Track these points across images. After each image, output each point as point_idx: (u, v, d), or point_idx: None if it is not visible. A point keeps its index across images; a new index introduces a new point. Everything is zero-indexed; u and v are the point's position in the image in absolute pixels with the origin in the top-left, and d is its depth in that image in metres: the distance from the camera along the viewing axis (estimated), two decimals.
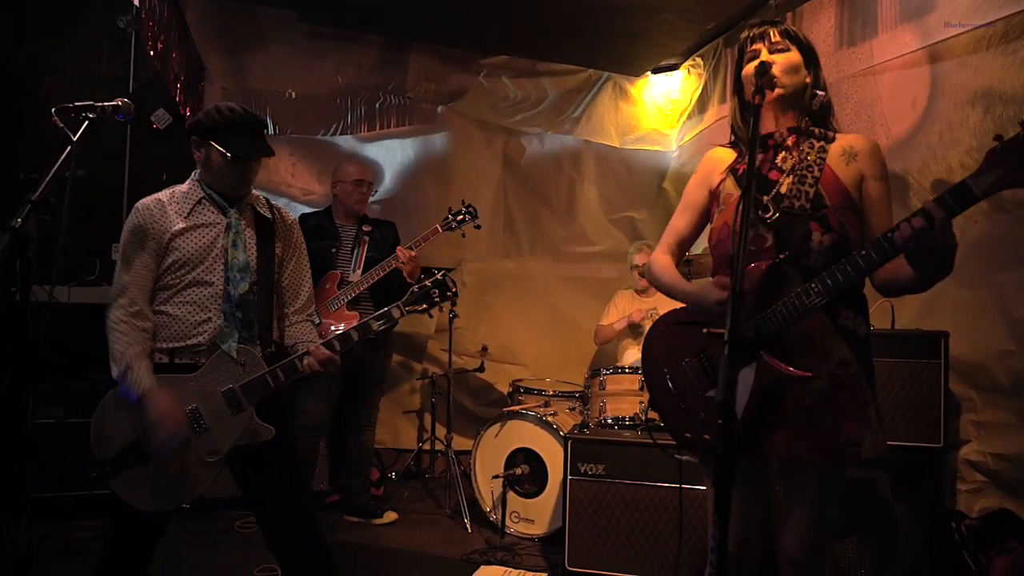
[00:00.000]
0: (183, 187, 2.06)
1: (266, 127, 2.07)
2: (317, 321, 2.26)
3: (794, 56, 1.68)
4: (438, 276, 2.10)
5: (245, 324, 2.00)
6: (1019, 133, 1.26)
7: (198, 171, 2.07)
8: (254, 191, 2.14)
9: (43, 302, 1.79)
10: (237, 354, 1.96)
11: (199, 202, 2.02)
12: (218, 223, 2.02)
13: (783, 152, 1.69)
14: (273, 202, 2.20)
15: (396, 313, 2.05)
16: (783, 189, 1.65)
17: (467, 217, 3.50)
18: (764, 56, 1.67)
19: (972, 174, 1.31)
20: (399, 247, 3.39)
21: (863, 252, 1.45)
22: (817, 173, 1.63)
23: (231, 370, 1.95)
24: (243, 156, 1.99)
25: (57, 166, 1.59)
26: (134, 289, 1.93)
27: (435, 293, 2.09)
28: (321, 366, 1.97)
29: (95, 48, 4.13)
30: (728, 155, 1.82)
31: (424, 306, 2.09)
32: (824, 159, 1.65)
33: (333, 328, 3.31)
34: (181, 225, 1.97)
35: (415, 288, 2.10)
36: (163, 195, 2.03)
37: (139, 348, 1.89)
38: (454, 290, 2.11)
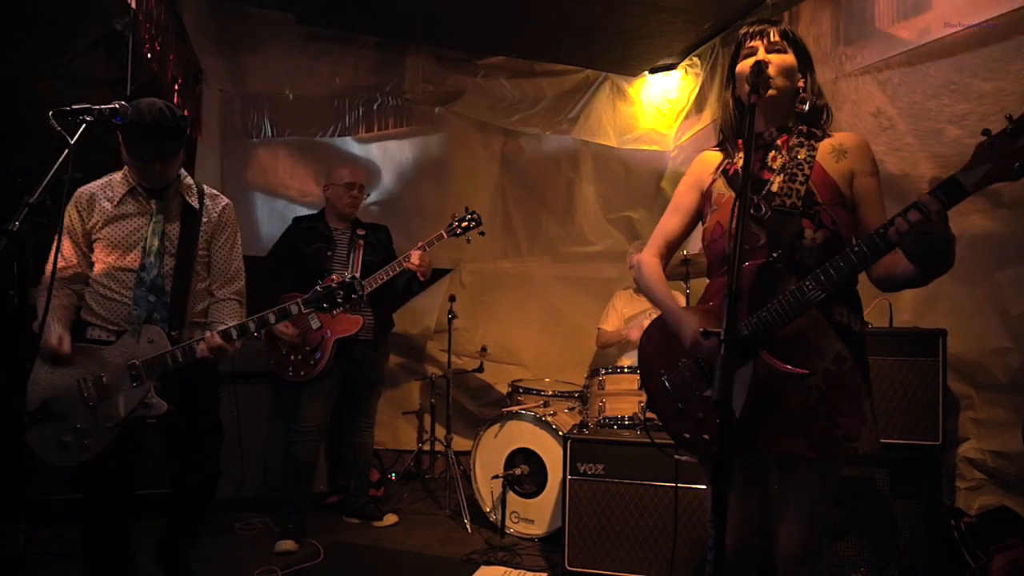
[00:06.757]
0: (119, 175, 2.25)
1: (181, 131, 2.17)
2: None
3: (789, 58, 1.68)
4: (346, 278, 2.18)
5: (157, 307, 2.19)
6: (1006, 128, 1.26)
7: None
8: (189, 180, 2.30)
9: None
10: (143, 333, 2.15)
11: (129, 191, 2.22)
12: (143, 212, 2.21)
13: (773, 151, 1.70)
14: (207, 188, 2.36)
15: (294, 309, 2.19)
16: (774, 188, 1.65)
17: (472, 223, 3.49)
18: (761, 54, 1.67)
19: (961, 168, 1.31)
20: (413, 250, 3.37)
21: (856, 248, 1.45)
22: (807, 171, 1.63)
23: (140, 347, 2.16)
24: (138, 157, 2.14)
25: (55, 169, 1.58)
26: (68, 261, 2.19)
27: (339, 294, 2.18)
28: (212, 353, 2.13)
29: (91, 50, 4.13)
30: (717, 157, 1.83)
31: (325, 305, 2.18)
32: (814, 157, 1.65)
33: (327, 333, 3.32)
34: (109, 214, 2.19)
35: (319, 288, 2.19)
36: (97, 185, 2.23)
37: (56, 303, 2.13)
38: (360, 293, 2.18)
